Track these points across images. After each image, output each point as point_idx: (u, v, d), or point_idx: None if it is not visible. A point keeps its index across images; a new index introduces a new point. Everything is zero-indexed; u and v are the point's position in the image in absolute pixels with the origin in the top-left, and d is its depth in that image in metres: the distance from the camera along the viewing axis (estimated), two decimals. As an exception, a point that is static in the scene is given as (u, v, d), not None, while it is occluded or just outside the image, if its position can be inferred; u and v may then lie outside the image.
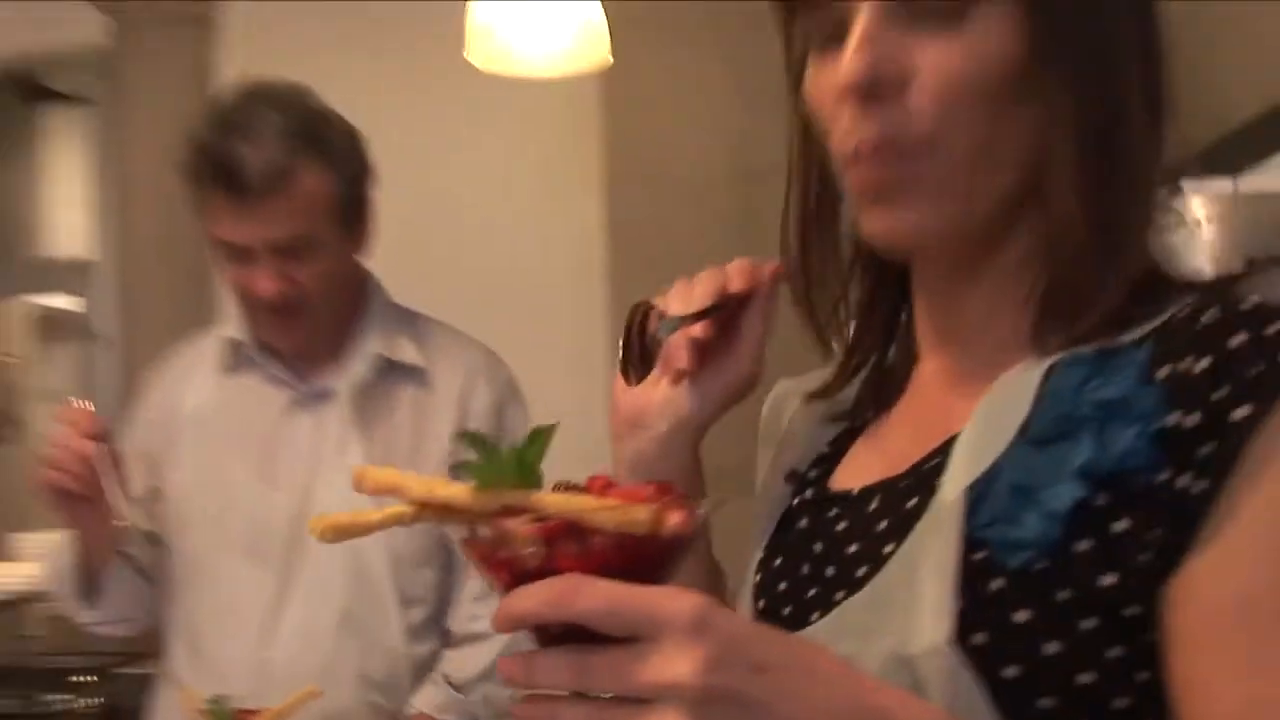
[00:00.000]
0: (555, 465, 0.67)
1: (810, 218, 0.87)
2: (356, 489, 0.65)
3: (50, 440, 1.62)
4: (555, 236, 4.39)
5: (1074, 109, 0.75)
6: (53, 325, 7.53)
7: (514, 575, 0.61)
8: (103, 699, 4.65)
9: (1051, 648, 0.68)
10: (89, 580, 1.79)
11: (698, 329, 0.89)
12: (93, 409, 1.65)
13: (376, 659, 1.77)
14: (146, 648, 1.92)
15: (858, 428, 0.94)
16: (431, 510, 0.63)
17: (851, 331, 0.93)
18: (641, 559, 0.61)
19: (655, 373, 0.91)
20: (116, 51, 5.07)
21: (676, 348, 0.89)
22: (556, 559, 0.60)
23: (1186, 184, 0.82)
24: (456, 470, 0.65)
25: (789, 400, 1.02)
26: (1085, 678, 0.68)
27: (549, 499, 0.61)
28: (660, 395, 0.92)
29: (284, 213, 1.70)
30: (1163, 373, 0.69)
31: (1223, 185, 3.16)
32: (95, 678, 4.68)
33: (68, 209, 6.90)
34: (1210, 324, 0.69)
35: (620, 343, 0.91)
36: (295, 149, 1.71)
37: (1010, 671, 0.68)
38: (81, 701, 4.66)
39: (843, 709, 0.60)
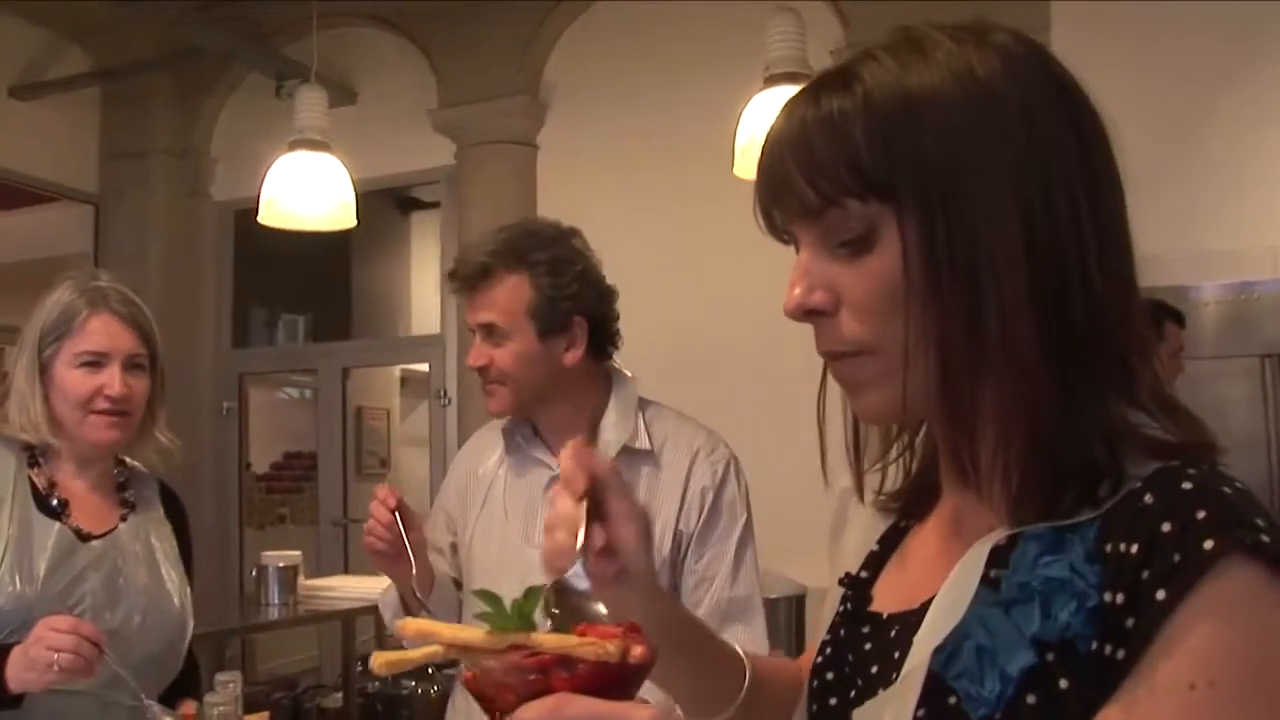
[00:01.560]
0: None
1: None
2: (399, 635, 0.78)
3: (370, 513, 1.88)
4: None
5: (949, 316, 0.78)
6: (412, 386, 8.67)
7: (519, 696, 0.73)
8: (438, 688, 5.26)
9: None
10: (406, 612, 2.02)
11: (595, 543, 0.91)
12: (393, 490, 1.89)
13: None
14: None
15: (902, 528, 1.00)
16: (456, 649, 0.76)
17: (911, 464, 0.97)
18: (614, 680, 0.74)
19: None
20: (460, 168, 6.14)
21: (599, 573, 0.90)
22: (552, 682, 0.72)
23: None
24: (478, 618, 0.76)
25: (849, 495, 1.04)
26: None
27: (545, 639, 0.74)
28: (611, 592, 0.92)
29: (482, 304, 1.96)
30: (1105, 550, 0.73)
31: None
32: (435, 670, 5.11)
33: (425, 294, 7.88)
34: (1146, 508, 0.73)
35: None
36: (497, 259, 1.94)
37: None
38: (425, 688, 5.38)
39: None
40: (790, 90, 3.19)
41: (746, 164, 3.25)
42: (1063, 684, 0.74)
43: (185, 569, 2.03)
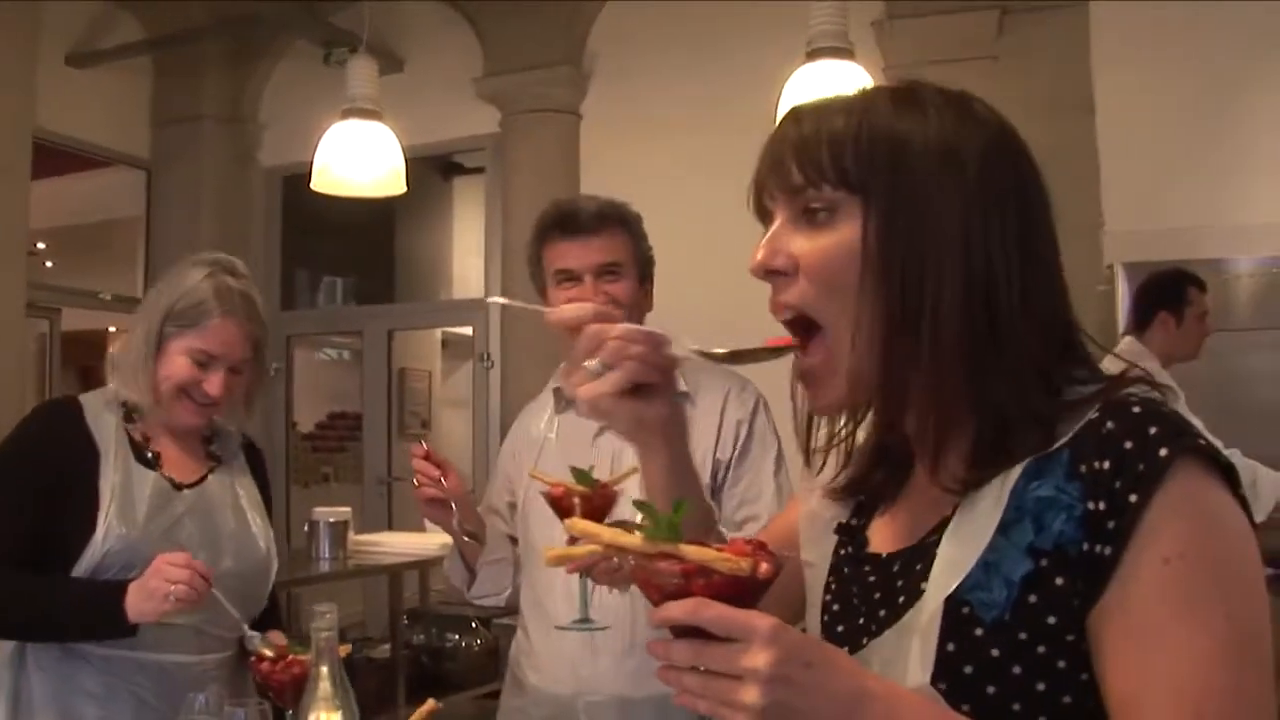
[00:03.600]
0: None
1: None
2: (568, 531, 0.92)
3: (414, 469, 2.05)
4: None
5: (891, 298, 0.96)
6: (455, 349, 8.77)
7: (664, 594, 0.88)
8: (482, 641, 5.52)
9: (1016, 670, 0.91)
10: (468, 570, 2.24)
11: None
12: (422, 445, 2.07)
13: None
14: (514, 605, 2.22)
15: (889, 493, 1.15)
16: (614, 550, 0.91)
17: (851, 448, 1.15)
18: (743, 591, 0.88)
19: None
20: (504, 136, 6.26)
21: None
22: (691, 587, 0.87)
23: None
24: (630, 526, 0.91)
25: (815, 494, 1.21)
26: (1041, 686, 0.91)
27: (688, 550, 0.88)
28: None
29: (602, 246, 2.15)
30: (1081, 469, 0.90)
31: None
32: (479, 624, 5.54)
33: (468, 258, 7.92)
34: (1109, 432, 0.91)
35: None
36: (611, 211, 2.19)
37: (990, 689, 0.92)
38: (469, 641, 5.55)
39: (851, 689, 0.86)
40: (831, 64, 3.35)
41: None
42: (1058, 581, 0.91)
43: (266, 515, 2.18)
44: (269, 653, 1.81)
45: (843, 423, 1.14)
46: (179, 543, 1.95)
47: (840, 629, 1.09)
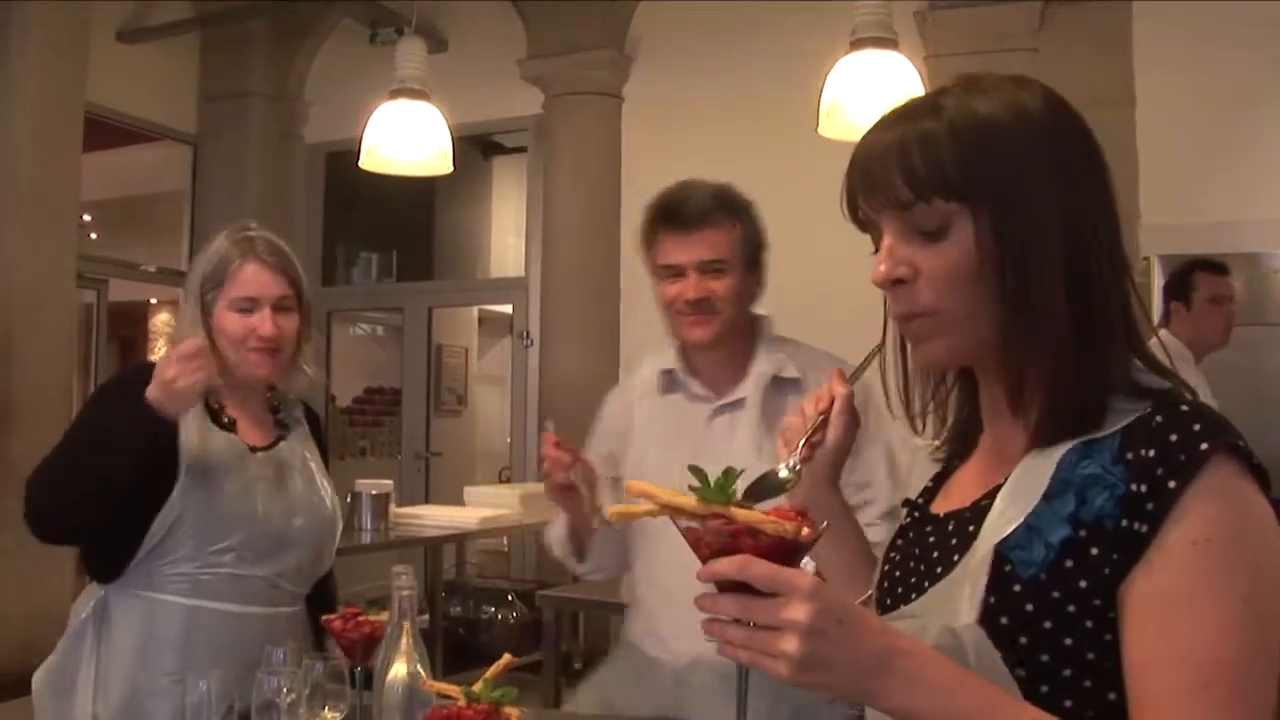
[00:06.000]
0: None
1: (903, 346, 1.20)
2: (627, 492, 0.99)
3: (545, 458, 2.08)
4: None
5: (1005, 296, 1.05)
6: (491, 326, 8.93)
7: (713, 551, 0.95)
8: (517, 614, 5.67)
9: (1047, 624, 1.00)
10: (578, 544, 2.26)
11: (815, 439, 1.31)
12: (558, 435, 2.08)
13: None
14: (560, 579, 2.32)
15: (950, 469, 1.27)
16: (670, 510, 0.97)
17: (948, 412, 1.24)
18: (787, 551, 0.95)
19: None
20: (547, 117, 6.35)
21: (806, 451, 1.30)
22: (739, 545, 0.94)
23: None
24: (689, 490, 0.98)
25: (917, 453, 1.37)
26: (1068, 641, 0.99)
27: (739, 512, 0.95)
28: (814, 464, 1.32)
29: (707, 241, 2.17)
30: (1128, 456, 1.00)
31: None
32: (515, 597, 5.75)
33: (508, 237, 8.15)
34: (1158, 425, 1.00)
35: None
36: (716, 204, 2.20)
37: (1022, 640, 1.01)
38: (506, 614, 5.73)
39: (880, 645, 0.94)
40: (876, 54, 3.37)
41: (831, 125, 3.34)
42: (1093, 551, 0.99)
43: None
44: (338, 611, 1.90)
45: (934, 385, 1.22)
46: (253, 502, 2.05)
47: (900, 589, 1.18)
